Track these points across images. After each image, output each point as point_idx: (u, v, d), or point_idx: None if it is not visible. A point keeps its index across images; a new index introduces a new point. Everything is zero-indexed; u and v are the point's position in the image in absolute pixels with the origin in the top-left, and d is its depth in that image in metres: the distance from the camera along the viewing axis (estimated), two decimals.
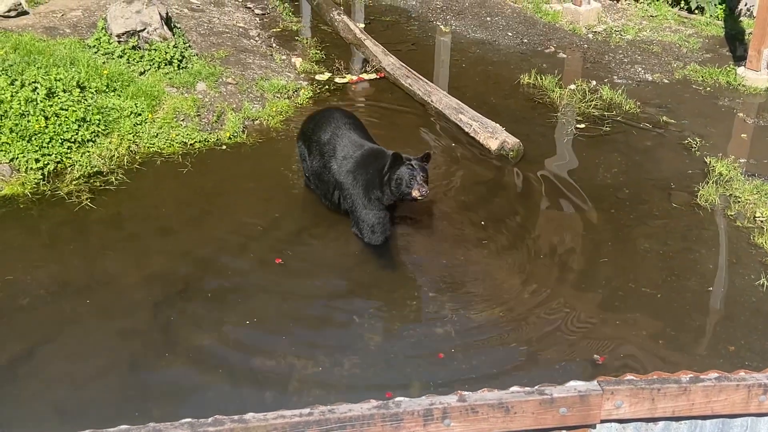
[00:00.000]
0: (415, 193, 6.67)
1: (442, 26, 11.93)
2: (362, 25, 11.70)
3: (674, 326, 6.21)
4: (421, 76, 9.86)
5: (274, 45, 10.89)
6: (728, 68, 10.44)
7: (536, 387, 3.09)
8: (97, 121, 7.98)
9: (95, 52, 9.03)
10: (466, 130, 8.84)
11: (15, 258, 6.67)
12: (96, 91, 8.26)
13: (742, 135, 9.15)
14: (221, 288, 6.44)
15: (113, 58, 8.99)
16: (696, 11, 12.10)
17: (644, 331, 6.14)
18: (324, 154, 7.16)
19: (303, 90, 9.66)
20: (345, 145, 7.12)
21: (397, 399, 2.99)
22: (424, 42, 11.51)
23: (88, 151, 7.85)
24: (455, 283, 6.61)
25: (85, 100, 8.06)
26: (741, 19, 11.99)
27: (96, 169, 7.78)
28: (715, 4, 12.08)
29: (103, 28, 9.17)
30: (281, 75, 9.91)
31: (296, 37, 11.30)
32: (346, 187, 7.01)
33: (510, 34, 11.66)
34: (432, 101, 9.43)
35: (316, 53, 10.72)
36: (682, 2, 12.21)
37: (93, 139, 7.92)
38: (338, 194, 7.11)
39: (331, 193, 7.19)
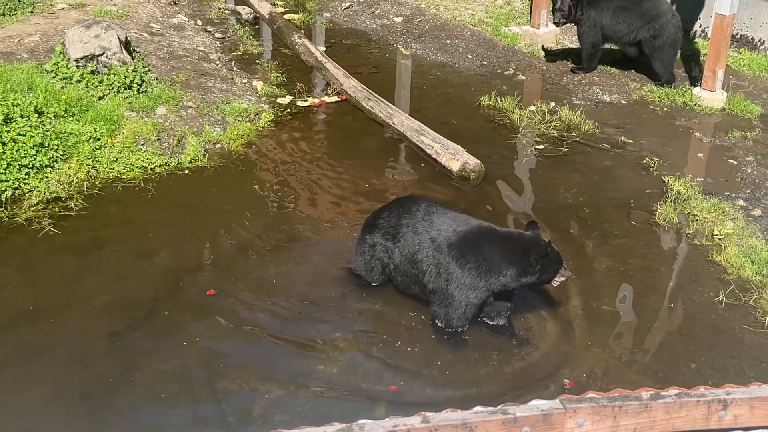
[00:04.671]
0: (563, 278, 6.27)
1: (402, 49, 12.00)
2: (323, 48, 11.73)
3: (635, 344, 6.27)
4: (382, 99, 9.90)
5: (235, 68, 10.88)
6: (684, 88, 10.61)
7: (499, 407, 3.10)
8: (56, 147, 7.90)
9: (53, 77, 8.95)
10: (428, 151, 8.88)
11: None
12: (54, 116, 8.18)
13: (699, 154, 9.30)
14: (183, 313, 6.39)
15: (72, 83, 8.92)
16: None
17: (606, 349, 6.19)
18: (417, 232, 6.33)
19: (264, 113, 9.66)
20: (444, 220, 6.33)
21: (361, 421, 2.98)
22: (385, 65, 11.57)
23: (47, 177, 7.76)
24: (416, 305, 6.60)
25: (43, 125, 7.98)
26: (696, 40, 12.20)
27: (55, 194, 7.70)
28: None
29: (61, 53, 9.10)
30: (242, 98, 9.90)
31: (257, 61, 11.30)
32: (447, 262, 6.15)
33: (470, 56, 11.75)
34: (394, 123, 9.47)
35: (277, 76, 10.73)
36: None
37: (51, 165, 7.84)
38: (434, 272, 6.23)
39: (422, 273, 6.31)
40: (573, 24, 11.07)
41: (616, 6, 10.65)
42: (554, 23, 11.20)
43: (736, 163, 8.96)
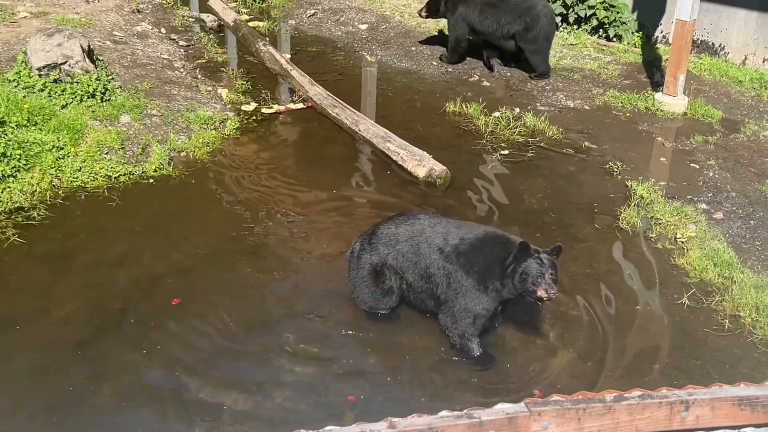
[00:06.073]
0: (542, 293, 5.83)
1: (368, 56, 12.03)
2: (288, 56, 11.72)
3: (600, 347, 6.32)
4: (348, 106, 9.91)
5: (199, 76, 10.84)
6: (646, 94, 10.74)
7: (465, 411, 3.12)
8: (18, 156, 7.82)
9: (15, 86, 8.86)
10: (394, 158, 8.91)
11: None
12: (16, 125, 8.10)
13: (662, 159, 9.41)
14: (148, 322, 6.34)
15: (34, 92, 8.84)
16: (614, 39, 12.43)
17: (573, 353, 6.23)
18: (430, 243, 6.16)
19: (230, 121, 9.62)
20: (451, 229, 6.20)
21: (328, 428, 2.99)
22: (350, 72, 11.58)
23: (9, 187, 7.68)
24: (385, 314, 6.61)
25: (5, 134, 7.89)
26: (657, 46, 12.36)
27: (17, 204, 7.62)
28: (633, 32, 12.44)
29: (23, 62, 9.02)
30: (207, 106, 9.86)
31: (222, 68, 11.26)
32: (455, 270, 6.05)
33: (435, 63, 11.80)
34: (360, 130, 9.48)
35: (242, 84, 10.70)
36: (601, 30, 12.53)
37: (14, 175, 7.75)
38: (445, 282, 6.12)
39: (436, 286, 6.18)
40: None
41: (483, 3, 11.09)
42: (420, 16, 11.94)
43: (698, 167, 9.08)
